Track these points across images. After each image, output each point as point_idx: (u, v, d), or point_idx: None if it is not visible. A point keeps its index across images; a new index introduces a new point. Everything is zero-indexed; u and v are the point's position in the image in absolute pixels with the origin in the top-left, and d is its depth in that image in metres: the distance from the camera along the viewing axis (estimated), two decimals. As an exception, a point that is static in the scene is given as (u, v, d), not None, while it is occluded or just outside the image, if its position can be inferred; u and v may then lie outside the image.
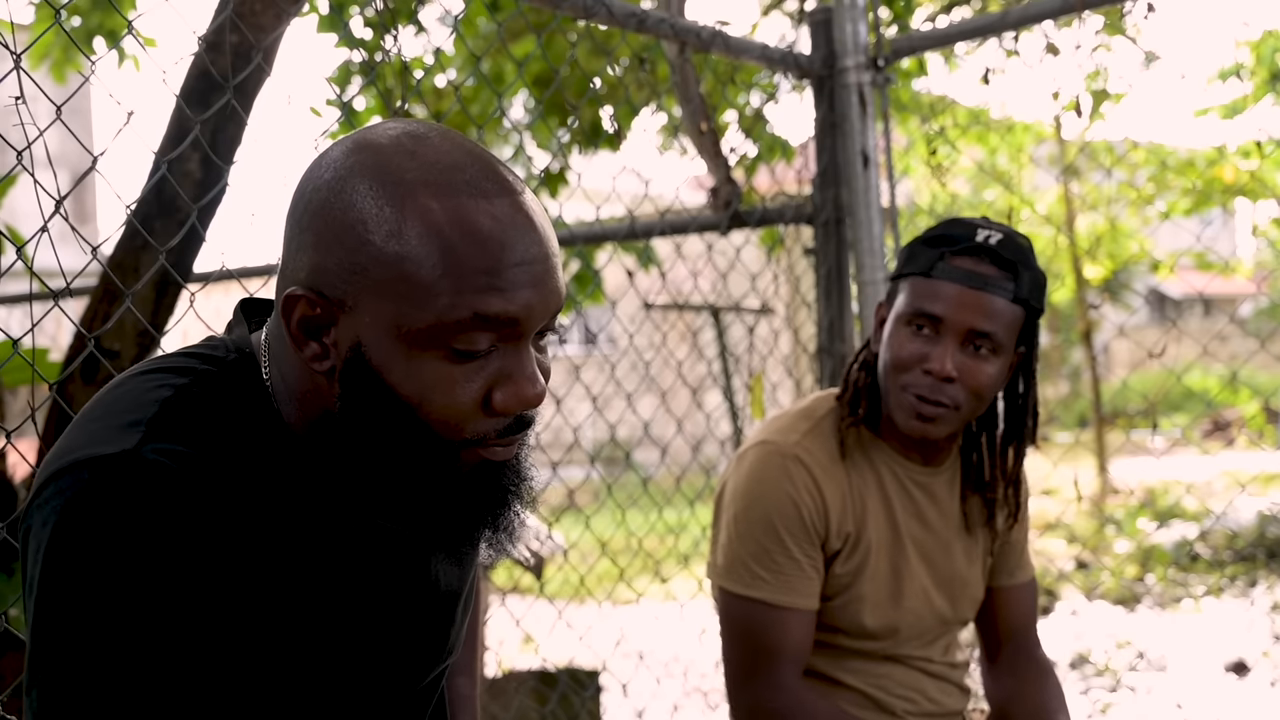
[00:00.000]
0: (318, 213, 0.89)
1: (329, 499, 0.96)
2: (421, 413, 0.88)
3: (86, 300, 2.19)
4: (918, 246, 1.63)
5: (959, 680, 1.78)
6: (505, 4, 3.66)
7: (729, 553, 1.65)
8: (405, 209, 0.86)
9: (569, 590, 5.25)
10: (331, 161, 0.90)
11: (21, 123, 1.37)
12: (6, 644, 2.02)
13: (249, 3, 1.97)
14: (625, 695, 3.17)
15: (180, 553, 0.85)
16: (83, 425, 0.91)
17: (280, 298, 0.91)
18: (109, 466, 0.85)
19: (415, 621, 1.05)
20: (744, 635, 1.63)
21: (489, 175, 0.88)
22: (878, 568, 1.66)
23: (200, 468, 0.87)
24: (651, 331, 4.50)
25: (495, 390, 0.89)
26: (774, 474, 1.63)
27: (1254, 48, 5.14)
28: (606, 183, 2.63)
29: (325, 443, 0.94)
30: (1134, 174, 8.18)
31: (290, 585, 0.93)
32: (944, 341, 1.56)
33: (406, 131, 0.90)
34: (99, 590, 0.83)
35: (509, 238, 0.86)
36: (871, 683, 1.69)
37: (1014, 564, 1.82)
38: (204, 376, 0.94)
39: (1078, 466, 8.87)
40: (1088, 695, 4.44)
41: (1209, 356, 3.07)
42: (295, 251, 0.91)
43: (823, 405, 1.71)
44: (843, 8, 2.58)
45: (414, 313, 0.85)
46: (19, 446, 2.47)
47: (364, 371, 0.88)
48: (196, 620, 0.86)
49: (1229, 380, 3.78)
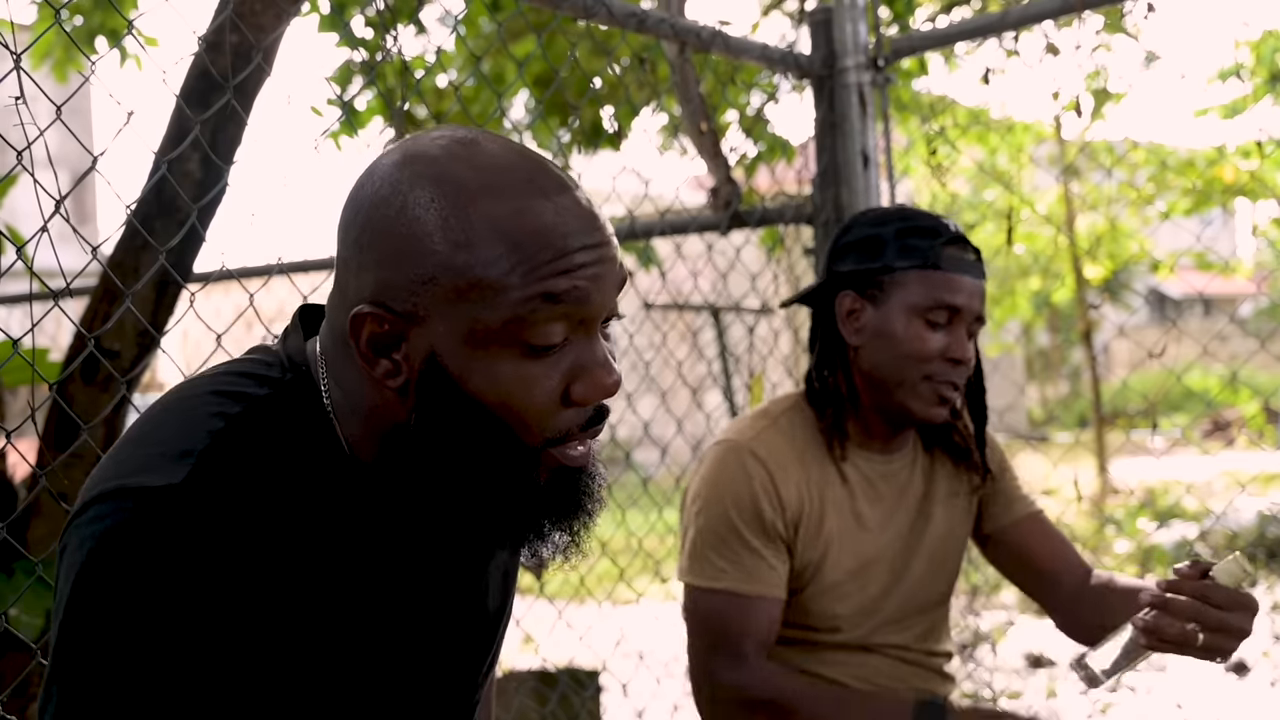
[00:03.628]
0: (378, 228, 0.88)
1: (389, 525, 0.94)
2: (503, 416, 0.88)
3: (86, 300, 2.19)
4: (897, 237, 1.63)
5: (939, 668, 1.79)
6: (505, 4, 3.66)
7: (692, 550, 1.68)
8: (469, 215, 0.86)
9: (569, 590, 5.25)
10: (384, 176, 0.89)
11: (21, 123, 1.37)
12: (6, 644, 2.02)
13: (249, 3, 1.97)
14: (625, 695, 3.17)
15: (213, 593, 0.83)
16: (132, 447, 0.89)
17: (347, 318, 0.89)
18: (154, 500, 0.83)
19: (464, 640, 1.04)
20: (708, 625, 1.65)
21: (544, 172, 0.89)
22: (840, 558, 1.68)
23: (246, 508, 0.86)
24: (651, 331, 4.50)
25: (574, 383, 0.89)
26: (731, 469, 1.66)
27: (1254, 48, 5.13)
28: (606, 183, 2.63)
29: (397, 457, 0.92)
30: (1134, 174, 8.17)
31: (339, 611, 0.91)
32: (958, 329, 1.62)
33: (455, 139, 0.90)
34: (124, 623, 0.82)
35: (571, 227, 0.87)
36: (850, 674, 1.70)
37: (1008, 503, 1.82)
38: (259, 403, 0.92)
39: (1078, 466, 8.86)
40: (1088, 695, 4.44)
41: (1209, 356, 3.07)
42: (356, 270, 0.90)
43: (778, 405, 1.75)
44: (843, 8, 2.58)
45: (488, 314, 0.86)
46: (19, 446, 2.47)
47: (442, 381, 0.88)
48: (222, 662, 0.84)
49: (1229, 380, 3.78)
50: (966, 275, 1.62)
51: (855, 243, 1.67)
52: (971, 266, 1.63)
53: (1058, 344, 18.52)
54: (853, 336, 1.67)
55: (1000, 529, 1.81)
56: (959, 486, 1.79)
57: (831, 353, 1.70)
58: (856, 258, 1.66)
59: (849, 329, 1.67)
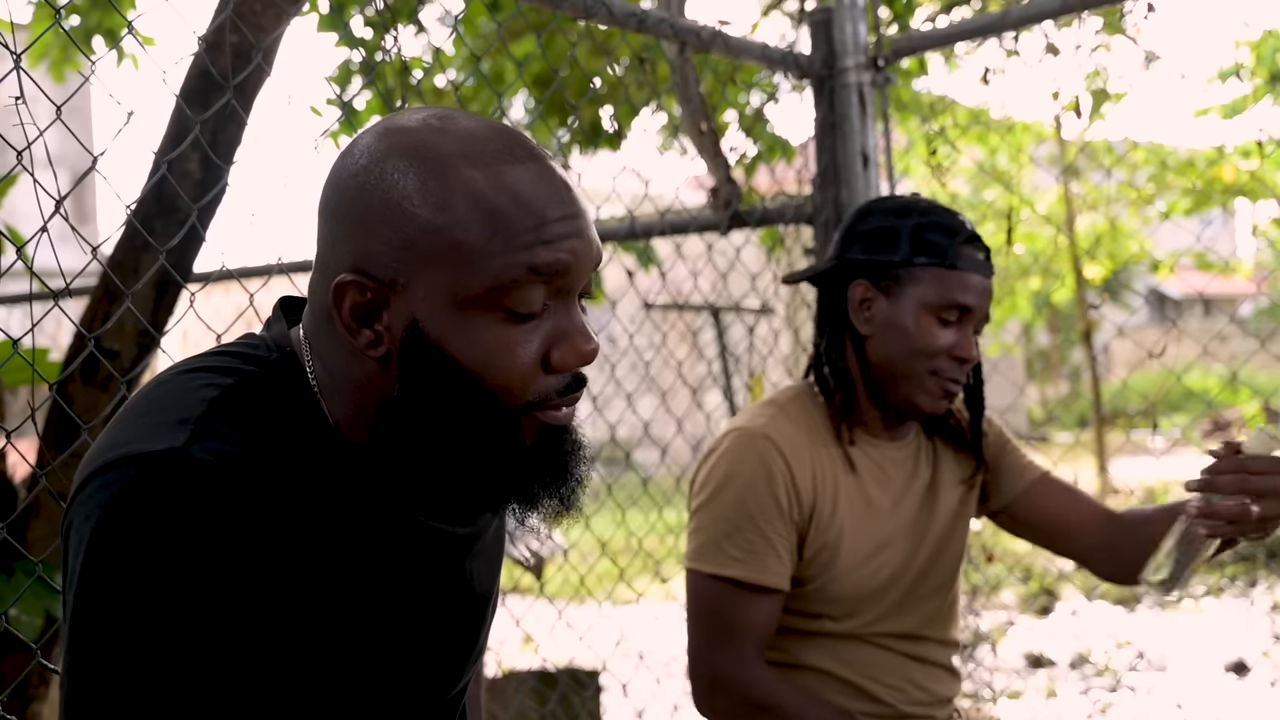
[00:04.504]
0: (357, 198, 0.90)
1: (375, 498, 0.96)
2: (485, 380, 0.90)
3: (86, 300, 2.19)
4: (915, 231, 1.65)
5: (946, 661, 1.79)
6: (505, 4, 3.66)
7: (701, 537, 1.68)
8: (448, 180, 0.88)
9: (569, 590, 5.25)
10: (364, 149, 0.92)
11: (21, 123, 1.37)
12: (6, 644, 2.02)
13: (249, 3, 1.97)
14: (625, 695, 3.17)
15: (223, 553, 0.84)
16: (128, 421, 0.90)
17: (329, 289, 0.90)
18: (157, 463, 0.84)
19: (452, 623, 1.05)
20: (712, 612, 1.66)
21: (519, 143, 0.92)
22: (854, 542, 1.69)
23: (247, 469, 0.87)
24: (651, 331, 4.50)
25: (553, 349, 0.91)
26: (745, 454, 1.67)
27: (1254, 48, 5.13)
28: (606, 183, 2.64)
29: (387, 432, 0.93)
30: (1134, 174, 8.17)
31: (332, 583, 0.92)
32: (966, 328, 1.65)
33: (432, 113, 0.93)
34: (141, 586, 0.82)
35: (548, 197, 0.90)
36: (858, 670, 1.70)
37: (1016, 474, 1.83)
38: (249, 377, 0.93)
39: (1078, 466, 8.86)
40: (1088, 695, 4.44)
41: (1209, 356, 3.07)
42: (335, 243, 0.92)
43: (784, 394, 1.76)
44: (843, 8, 2.58)
45: (469, 278, 0.88)
46: (19, 446, 2.47)
47: (423, 347, 0.89)
48: (235, 621, 0.85)
49: (1229, 380, 3.78)
50: (979, 275, 1.65)
51: (871, 232, 1.68)
52: (983, 266, 1.66)
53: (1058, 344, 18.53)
54: (863, 325, 1.68)
55: (1013, 500, 1.83)
56: (961, 471, 1.81)
57: (841, 339, 1.71)
58: (872, 247, 1.67)
59: (860, 318, 1.68)
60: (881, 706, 1.71)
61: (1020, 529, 1.85)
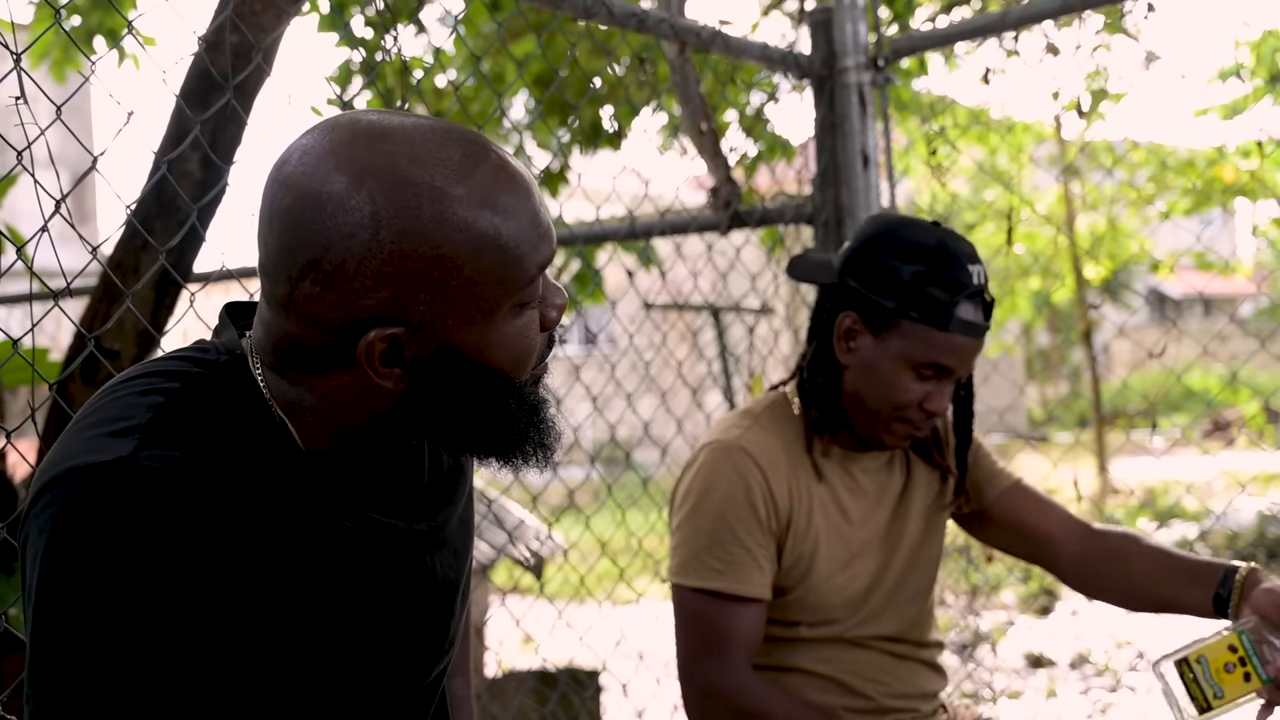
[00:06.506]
0: (358, 254, 0.88)
1: (327, 498, 0.97)
2: (514, 372, 0.96)
3: (86, 300, 2.19)
4: (917, 281, 1.60)
5: (930, 660, 1.81)
6: (505, 4, 3.66)
7: (683, 551, 1.69)
8: (448, 213, 0.89)
9: (569, 590, 5.25)
10: (339, 194, 0.87)
11: (21, 123, 1.37)
12: (6, 644, 2.02)
13: (249, 3, 1.97)
14: (625, 695, 3.17)
15: (177, 559, 0.85)
16: (76, 433, 0.90)
17: (360, 346, 0.90)
18: (104, 474, 0.84)
19: (416, 615, 1.05)
20: (698, 624, 1.67)
21: (475, 143, 0.93)
22: (830, 551, 1.71)
23: (196, 473, 0.87)
24: (651, 331, 4.50)
25: (544, 312, 0.99)
26: (722, 467, 1.68)
27: (1254, 48, 5.13)
28: (606, 182, 2.64)
29: (384, 437, 0.97)
30: (1134, 174, 8.17)
31: (290, 586, 0.93)
32: (944, 385, 1.64)
33: (377, 136, 0.90)
34: (96, 598, 0.83)
35: (522, 191, 0.93)
36: (840, 668, 1.72)
37: (989, 479, 1.84)
38: (195, 379, 0.94)
39: (1078, 466, 8.85)
40: (1088, 695, 4.44)
41: (1209, 356, 3.07)
42: (346, 297, 0.89)
43: (759, 405, 1.78)
44: (843, 8, 2.58)
45: (498, 293, 0.92)
46: (19, 446, 2.47)
47: (459, 363, 0.93)
48: (195, 626, 0.86)
49: (1229, 380, 3.78)
50: (969, 337, 1.61)
51: (873, 266, 1.63)
52: (976, 328, 1.61)
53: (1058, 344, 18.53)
54: (844, 355, 1.68)
55: (986, 505, 1.84)
56: (934, 477, 1.82)
57: (824, 354, 1.71)
58: (869, 283, 1.64)
59: (842, 347, 1.68)
60: (865, 700, 1.73)
61: (991, 535, 1.86)
